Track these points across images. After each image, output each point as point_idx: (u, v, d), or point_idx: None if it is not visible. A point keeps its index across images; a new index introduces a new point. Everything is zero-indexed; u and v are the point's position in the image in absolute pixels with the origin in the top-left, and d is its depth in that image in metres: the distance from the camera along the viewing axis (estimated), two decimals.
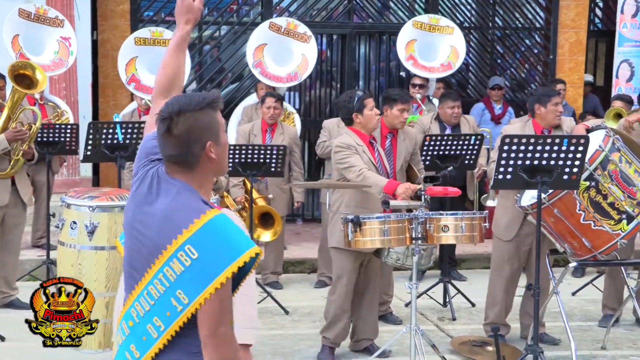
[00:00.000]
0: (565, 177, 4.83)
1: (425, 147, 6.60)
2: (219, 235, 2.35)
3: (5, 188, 6.21)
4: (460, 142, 6.69)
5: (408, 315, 5.33)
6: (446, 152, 6.66)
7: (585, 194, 5.03)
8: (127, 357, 2.45)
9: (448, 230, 4.95)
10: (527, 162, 4.83)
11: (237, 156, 6.49)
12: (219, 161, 2.46)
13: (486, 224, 5.06)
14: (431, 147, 6.64)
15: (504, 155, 4.85)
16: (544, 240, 5.24)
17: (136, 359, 2.43)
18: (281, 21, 8.55)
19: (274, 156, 6.53)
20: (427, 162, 6.57)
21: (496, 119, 8.95)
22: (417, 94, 8.20)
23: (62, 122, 7.32)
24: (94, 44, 9.33)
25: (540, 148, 4.81)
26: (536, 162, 4.82)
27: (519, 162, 4.84)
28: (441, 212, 5.12)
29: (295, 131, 7.74)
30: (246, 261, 2.33)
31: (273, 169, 6.57)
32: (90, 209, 5.20)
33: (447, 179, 6.15)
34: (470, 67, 10.39)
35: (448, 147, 6.67)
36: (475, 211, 6.05)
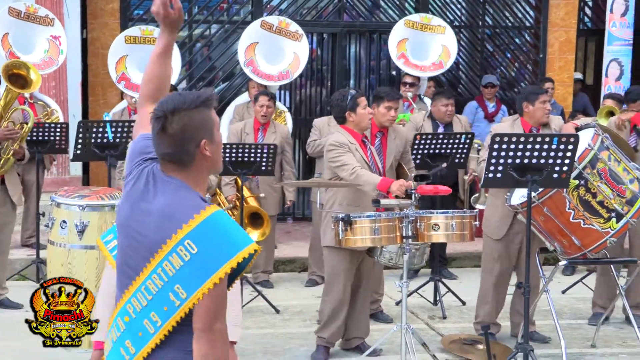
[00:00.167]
0: (555, 176, 4.84)
1: (416, 146, 6.61)
2: (219, 230, 2.36)
3: None
4: (451, 141, 6.70)
5: (398, 313, 5.33)
6: (437, 151, 6.67)
7: (574, 192, 5.04)
8: (122, 353, 2.45)
9: (439, 228, 4.95)
10: (517, 161, 4.84)
11: (227, 155, 6.48)
12: (213, 159, 2.48)
13: (476, 223, 5.07)
14: (422, 146, 6.65)
15: (494, 154, 4.86)
16: (534, 238, 5.25)
17: (131, 354, 2.43)
18: (273, 20, 8.54)
19: (265, 155, 6.52)
20: (418, 161, 6.57)
21: (489, 117, 8.92)
22: (408, 92, 8.21)
23: (52, 121, 7.30)
24: (84, 43, 9.30)
25: (530, 147, 4.82)
26: (526, 161, 4.83)
27: (509, 161, 4.85)
28: (432, 210, 5.13)
29: (288, 130, 7.73)
30: (245, 257, 2.35)
31: (264, 168, 6.56)
32: (81, 208, 5.18)
33: (438, 178, 6.15)
34: (461, 66, 10.40)
35: (439, 145, 6.68)
36: (465, 209, 6.05)
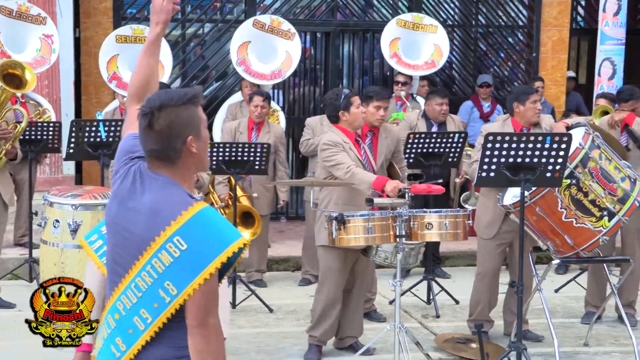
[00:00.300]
0: (549, 175, 4.85)
1: (409, 145, 6.61)
2: (209, 226, 2.37)
3: None
4: (445, 140, 6.71)
5: (392, 312, 5.34)
6: (430, 150, 6.68)
7: (566, 191, 5.05)
8: (113, 350, 2.45)
9: (432, 227, 4.95)
10: (511, 160, 4.84)
11: (221, 154, 6.47)
12: (200, 156, 2.48)
13: (470, 222, 5.08)
14: (415, 145, 6.66)
15: (488, 153, 4.87)
16: (527, 237, 5.26)
17: (122, 352, 2.43)
18: (265, 18, 8.54)
19: (258, 154, 6.52)
20: (411, 160, 6.59)
21: (485, 116, 8.90)
22: (401, 91, 8.22)
23: (44, 120, 7.28)
24: (77, 42, 9.27)
25: (523, 146, 4.83)
26: (519, 160, 4.84)
27: (503, 160, 4.85)
28: (425, 209, 5.13)
29: (282, 130, 7.71)
30: (234, 251, 2.35)
31: (257, 167, 6.56)
32: (73, 207, 5.18)
33: (431, 177, 6.15)
34: (454, 65, 10.41)
35: (432, 144, 6.69)
36: (459, 208, 6.06)
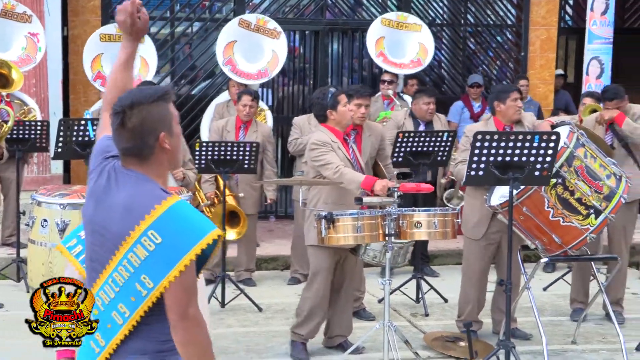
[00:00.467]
0: (537, 174, 4.87)
1: (399, 144, 6.62)
2: (182, 219, 2.39)
3: None
4: (433, 139, 6.72)
5: (381, 311, 5.33)
6: (419, 149, 6.69)
7: (552, 191, 5.07)
8: (93, 346, 2.48)
9: (421, 226, 4.96)
10: (499, 159, 4.85)
11: (209, 153, 6.46)
12: (172, 151, 2.51)
13: (459, 220, 5.09)
14: (404, 144, 6.66)
15: (476, 152, 4.87)
16: (515, 236, 5.28)
17: (101, 347, 2.46)
18: (251, 17, 8.53)
19: (247, 153, 6.51)
20: (400, 159, 6.59)
21: (475, 117, 8.87)
22: (388, 90, 8.22)
23: (30, 119, 7.24)
24: (65, 40, 9.23)
25: (512, 144, 4.84)
26: (508, 159, 4.85)
27: (491, 159, 4.86)
28: (414, 208, 5.14)
29: (269, 129, 7.69)
30: (209, 243, 2.37)
31: (246, 166, 6.55)
32: (62, 206, 5.16)
33: (420, 176, 6.16)
34: (443, 64, 10.43)
35: (421, 143, 6.69)
36: (448, 207, 6.07)
